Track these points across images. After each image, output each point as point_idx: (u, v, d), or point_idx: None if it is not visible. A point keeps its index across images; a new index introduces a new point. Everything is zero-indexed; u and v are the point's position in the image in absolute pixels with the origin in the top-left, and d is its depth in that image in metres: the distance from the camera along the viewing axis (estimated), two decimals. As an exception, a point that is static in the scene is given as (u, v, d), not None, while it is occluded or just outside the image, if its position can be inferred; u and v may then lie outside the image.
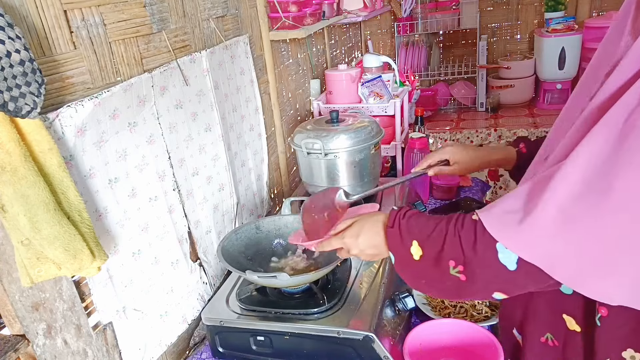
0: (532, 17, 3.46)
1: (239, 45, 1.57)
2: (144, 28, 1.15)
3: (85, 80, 0.99)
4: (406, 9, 3.36)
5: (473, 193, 2.08)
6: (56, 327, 0.94)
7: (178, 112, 1.26)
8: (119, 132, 1.05)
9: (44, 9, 0.89)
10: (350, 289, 1.22)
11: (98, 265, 0.91)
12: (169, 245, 1.24)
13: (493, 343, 1.05)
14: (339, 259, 1.16)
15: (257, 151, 1.73)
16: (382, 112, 1.98)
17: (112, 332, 1.07)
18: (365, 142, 1.52)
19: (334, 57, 2.71)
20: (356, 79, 2.03)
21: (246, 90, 1.64)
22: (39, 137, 0.81)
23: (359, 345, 1.08)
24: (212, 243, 1.44)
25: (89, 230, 0.88)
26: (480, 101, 3.41)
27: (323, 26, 2.07)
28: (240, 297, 1.24)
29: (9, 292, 0.85)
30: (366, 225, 0.92)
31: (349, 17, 2.51)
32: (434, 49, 3.66)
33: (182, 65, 1.26)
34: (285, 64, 2.02)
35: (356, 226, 0.94)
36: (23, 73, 0.76)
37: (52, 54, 0.91)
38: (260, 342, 1.18)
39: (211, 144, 1.42)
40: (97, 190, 1.00)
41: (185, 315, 1.32)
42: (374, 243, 0.90)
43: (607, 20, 3.02)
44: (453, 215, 0.79)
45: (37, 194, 0.79)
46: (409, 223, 0.83)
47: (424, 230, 0.80)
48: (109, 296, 1.05)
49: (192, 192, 1.34)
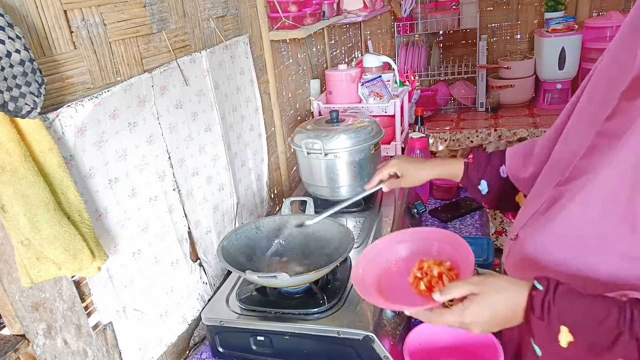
0: (532, 17, 3.46)
1: (239, 45, 1.57)
2: (144, 28, 1.15)
3: (85, 80, 0.99)
4: (406, 9, 3.36)
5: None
6: (56, 327, 0.94)
7: (178, 112, 1.26)
8: (119, 132, 1.05)
9: (44, 9, 0.89)
10: (351, 288, 1.22)
11: (98, 265, 0.91)
12: (169, 245, 1.24)
13: (493, 343, 1.05)
14: (338, 259, 1.16)
15: (257, 151, 1.73)
16: (382, 112, 1.98)
17: (112, 332, 1.07)
18: (365, 142, 1.52)
19: (334, 57, 2.71)
20: (356, 79, 2.03)
21: (246, 90, 1.64)
22: (39, 137, 0.81)
23: (359, 345, 1.08)
24: (212, 243, 1.44)
25: (89, 230, 0.88)
26: (480, 101, 3.41)
27: (323, 26, 2.07)
28: (240, 297, 1.24)
29: (9, 292, 0.85)
30: (499, 307, 0.75)
31: (349, 17, 2.51)
32: (434, 49, 3.66)
33: (182, 65, 1.26)
34: (285, 64, 2.02)
35: (484, 305, 0.75)
36: (23, 73, 0.76)
37: (52, 54, 0.91)
38: (260, 342, 1.18)
39: (211, 144, 1.42)
40: (97, 190, 1.00)
41: (185, 315, 1.32)
42: (507, 326, 0.76)
43: (607, 20, 3.02)
44: (623, 307, 0.68)
45: (37, 194, 0.79)
46: (560, 307, 0.70)
47: (581, 318, 0.69)
48: (109, 296, 1.05)
49: (192, 192, 1.34)
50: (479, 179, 1.17)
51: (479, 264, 1.49)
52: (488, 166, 1.16)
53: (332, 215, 1.39)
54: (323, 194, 1.60)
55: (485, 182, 1.16)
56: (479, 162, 1.17)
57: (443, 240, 0.99)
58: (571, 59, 3.11)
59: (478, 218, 1.86)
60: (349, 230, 1.27)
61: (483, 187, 1.17)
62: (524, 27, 3.51)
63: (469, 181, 1.18)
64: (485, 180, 1.16)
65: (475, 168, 1.17)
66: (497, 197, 1.16)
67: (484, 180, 1.16)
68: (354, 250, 1.34)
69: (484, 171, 1.16)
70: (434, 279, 0.87)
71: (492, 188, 1.16)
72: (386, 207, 1.55)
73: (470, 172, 1.18)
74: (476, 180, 1.17)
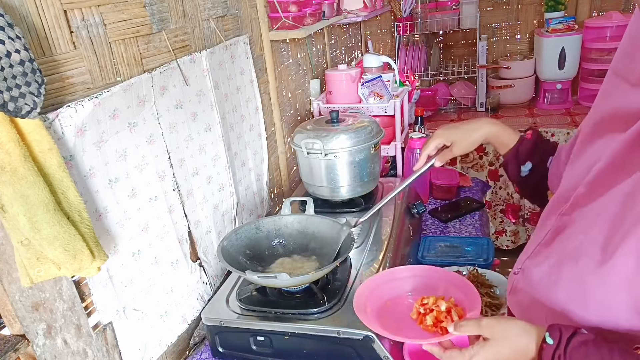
0: (532, 17, 3.46)
1: (239, 45, 1.57)
2: (144, 28, 1.15)
3: (85, 80, 0.99)
4: (406, 9, 3.36)
5: (473, 193, 2.08)
6: (56, 327, 0.94)
7: (178, 112, 1.26)
8: (119, 132, 1.05)
9: (44, 9, 0.89)
10: (350, 288, 1.22)
11: (98, 265, 0.91)
12: (169, 245, 1.24)
13: None
14: (338, 259, 1.16)
15: (257, 151, 1.73)
16: (382, 112, 1.98)
17: (112, 332, 1.07)
18: (365, 142, 1.52)
19: (334, 57, 2.71)
20: (356, 79, 2.03)
21: (246, 90, 1.64)
22: (39, 137, 0.81)
23: (359, 345, 1.08)
24: (212, 243, 1.44)
25: (88, 230, 0.88)
26: (480, 101, 3.41)
27: (323, 26, 2.06)
28: (240, 297, 1.24)
29: (9, 292, 0.85)
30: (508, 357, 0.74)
31: (349, 17, 2.51)
32: (434, 49, 3.66)
33: (182, 65, 1.26)
34: (285, 64, 2.02)
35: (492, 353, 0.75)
36: (23, 73, 0.76)
37: (52, 54, 0.91)
38: (260, 342, 1.18)
39: (211, 144, 1.42)
40: (97, 190, 1.00)
41: (185, 315, 1.31)
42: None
43: (607, 20, 3.02)
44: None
45: (37, 194, 0.79)
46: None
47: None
48: (109, 296, 1.05)
49: (192, 192, 1.34)
50: (527, 159, 1.06)
51: (479, 264, 1.49)
52: (540, 149, 1.06)
53: (332, 215, 1.39)
54: (323, 194, 1.60)
55: (531, 164, 1.06)
56: (535, 141, 1.07)
57: (443, 279, 1.00)
58: (571, 59, 3.11)
59: (478, 218, 1.86)
60: (349, 230, 1.27)
61: (526, 169, 1.07)
62: (524, 27, 3.51)
63: (515, 157, 1.07)
64: (532, 162, 1.06)
65: (529, 145, 1.06)
66: (533, 184, 1.08)
67: (530, 162, 1.06)
68: (354, 251, 1.34)
69: (535, 153, 1.06)
70: (442, 313, 0.88)
71: (534, 173, 1.07)
72: (386, 207, 1.55)
73: (522, 148, 1.07)
74: (524, 158, 1.06)
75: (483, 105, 3.40)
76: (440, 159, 1.13)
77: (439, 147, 1.14)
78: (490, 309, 1.27)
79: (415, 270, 1.06)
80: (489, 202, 3.06)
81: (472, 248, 1.60)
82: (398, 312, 0.98)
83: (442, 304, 0.89)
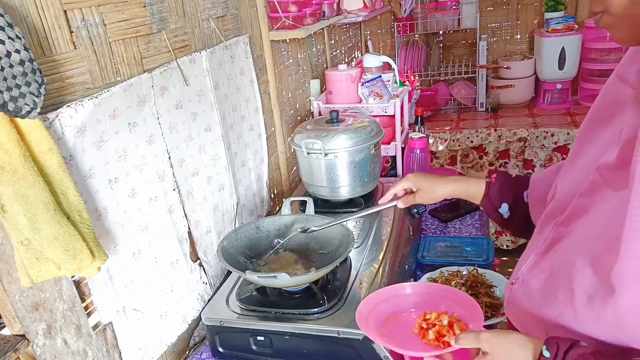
0: (532, 17, 3.46)
1: (239, 45, 1.57)
2: (144, 28, 1.15)
3: (85, 80, 0.99)
4: (406, 9, 3.36)
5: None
6: (56, 327, 0.94)
7: (178, 112, 1.26)
8: (118, 132, 1.05)
9: (44, 9, 0.89)
10: (350, 289, 1.22)
11: (98, 265, 0.91)
12: (169, 245, 1.24)
13: None
14: (338, 259, 1.16)
15: (257, 151, 1.73)
16: (382, 112, 1.98)
17: (112, 332, 1.07)
18: (365, 142, 1.52)
19: (334, 57, 2.71)
20: (356, 79, 2.03)
21: (246, 90, 1.64)
22: (39, 137, 0.81)
23: (359, 345, 1.08)
24: (212, 243, 1.44)
25: (88, 230, 0.88)
26: (480, 101, 3.41)
27: (323, 26, 2.06)
28: (240, 297, 1.24)
29: (9, 292, 0.85)
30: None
31: (349, 17, 2.51)
32: (434, 49, 3.66)
33: (182, 65, 1.26)
34: (285, 64, 2.02)
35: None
36: (23, 73, 0.76)
37: (52, 54, 0.91)
38: (260, 342, 1.18)
39: (211, 144, 1.42)
40: (97, 190, 1.00)
41: (185, 315, 1.31)
42: None
43: (607, 20, 3.02)
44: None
45: (36, 194, 0.79)
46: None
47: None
48: (109, 296, 1.05)
49: (192, 192, 1.34)
50: (501, 202, 1.07)
51: (479, 264, 1.49)
52: (511, 188, 1.07)
53: (332, 215, 1.39)
54: (323, 194, 1.60)
55: (507, 205, 1.07)
56: (501, 183, 1.08)
57: (447, 296, 1.02)
58: (571, 59, 3.11)
59: (478, 218, 1.86)
60: (349, 231, 1.27)
61: (504, 211, 1.08)
62: (524, 27, 3.51)
63: (490, 202, 1.09)
64: (507, 203, 1.07)
65: (497, 188, 1.08)
66: (519, 222, 1.07)
67: (505, 204, 1.07)
68: (354, 251, 1.34)
69: (506, 193, 1.07)
70: (444, 328, 0.90)
71: (514, 212, 1.07)
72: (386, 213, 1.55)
73: (492, 193, 1.08)
74: (497, 202, 1.08)
75: (483, 105, 3.40)
76: (403, 201, 1.19)
77: (406, 190, 1.19)
78: (491, 309, 1.27)
79: (417, 287, 1.07)
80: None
81: (472, 248, 1.60)
82: (400, 327, 1.00)
83: (444, 319, 0.91)
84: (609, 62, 3.05)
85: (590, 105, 0.86)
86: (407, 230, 1.54)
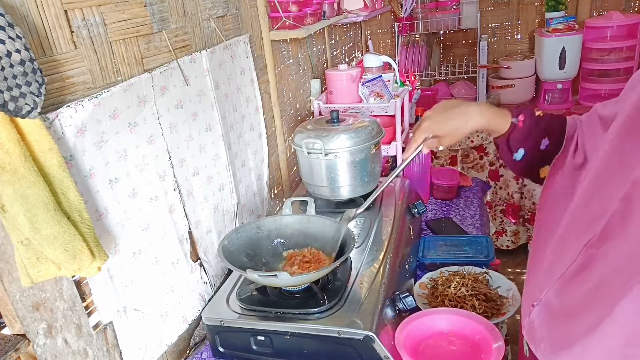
0: (532, 16, 3.46)
1: (239, 45, 1.57)
2: (144, 28, 1.15)
3: (86, 80, 0.99)
4: (406, 8, 3.36)
5: (474, 193, 2.08)
6: (57, 326, 0.94)
7: (178, 112, 1.26)
8: (119, 132, 1.05)
9: (45, 8, 0.89)
10: (351, 288, 1.22)
11: (98, 265, 0.91)
12: (169, 245, 1.24)
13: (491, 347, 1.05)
14: (339, 259, 1.16)
15: (257, 151, 1.73)
16: (383, 112, 1.98)
17: (112, 332, 1.07)
18: (366, 142, 1.52)
19: (335, 57, 2.70)
20: (356, 78, 2.02)
21: (246, 90, 1.64)
22: (39, 137, 0.81)
23: (359, 345, 1.08)
24: (213, 243, 1.44)
25: (89, 230, 0.88)
26: (480, 101, 3.41)
27: (323, 26, 2.06)
28: (240, 297, 1.24)
29: (10, 291, 0.85)
30: None
31: (350, 17, 2.51)
32: (434, 48, 3.66)
33: (182, 65, 1.26)
34: (285, 63, 2.02)
35: None
36: (23, 73, 0.76)
37: (52, 53, 0.91)
38: (261, 342, 1.18)
39: (211, 143, 1.42)
40: (98, 191, 1.00)
41: (185, 315, 1.32)
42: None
43: (607, 20, 3.02)
44: None
45: (37, 194, 0.79)
46: None
47: None
48: (110, 296, 1.05)
49: (193, 192, 1.34)
50: (519, 146, 1.05)
51: (479, 261, 1.49)
52: (534, 134, 1.03)
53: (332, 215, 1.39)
54: (323, 193, 1.60)
55: (523, 150, 1.04)
56: (527, 127, 1.04)
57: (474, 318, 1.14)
58: (572, 58, 3.11)
59: (478, 218, 1.86)
60: (349, 230, 1.27)
61: (519, 155, 1.05)
62: (525, 27, 3.50)
63: (507, 144, 1.06)
64: (525, 149, 1.04)
65: (521, 133, 1.04)
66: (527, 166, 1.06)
67: (522, 149, 1.04)
68: (354, 251, 1.34)
69: (527, 140, 1.04)
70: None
71: (527, 157, 1.05)
72: (386, 207, 1.55)
73: (514, 136, 1.05)
74: (516, 145, 1.05)
75: (483, 105, 3.39)
76: (427, 146, 1.13)
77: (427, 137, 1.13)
78: (491, 310, 1.27)
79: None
80: (490, 203, 3.06)
81: (471, 246, 1.60)
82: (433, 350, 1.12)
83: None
84: (609, 62, 3.05)
85: (591, 105, 0.83)
86: (407, 230, 1.54)
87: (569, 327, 0.79)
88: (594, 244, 0.75)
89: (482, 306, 1.26)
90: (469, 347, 1.10)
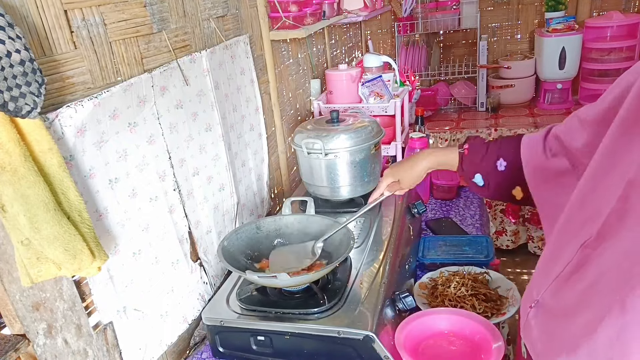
0: (532, 16, 3.46)
1: (239, 45, 1.57)
2: (144, 28, 1.15)
3: (86, 80, 0.99)
4: (406, 8, 3.36)
5: (473, 193, 2.08)
6: (57, 326, 0.94)
7: (178, 112, 1.26)
8: (119, 132, 1.05)
9: (45, 8, 0.89)
10: (351, 288, 1.22)
11: (98, 265, 0.91)
12: (169, 245, 1.24)
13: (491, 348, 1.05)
14: (338, 259, 1.16)
15: (257, 151, 1.73)
16: (383, 112, 1.98)
17: (112, 332, 1.07)
18: (366, 142, 1.52)
19: (334, 57, 2.71)
20: (356, 78, 2.03)
21: (246, 90, 1.64)
22: (39, 137, 0.81)
23: (359, 345, 1.08)
24: (213, 243, 1.44)
25: (89, 230, 0.88)
26: (480, 101, 3.41)
27: (323, 26, 2.06)
28: (240, 297, 1.24)
29: (10, 291, 0.85)
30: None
31: (349, 17, 2.51)
32: (434, 48, 3.66)
33: (182, 65, 1.26)
34: (285, 63, 2.02)
35: None
36: (23, 73, 0.76)
37: (52, 53, 0.91)
38: (261, 342, 1.18)
39: (211, 143, 1.42)
40: (98, 191, 1.00)
41: (185, 315, 1.32)
42: None
43: (607, 20, 3.02)
44: None
45: (37, 194, 0.79)
46: None
47: None
48: (110, 296, 1.05)
49: (193, 192, 1.34)
50: (474, 172, 1.10)
51: (479, 261, 1.50)
52: (484, 159, 1.08)
53: (332, 215, 1.39)
54: (323, 193, 1.60)
55: (480, 175, 1.09)
56: (474, 153, 1.10)
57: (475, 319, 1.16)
58: (571, 58, 3.11)
59: (478, 218, 1.86)
60: (349, 230, 1.27)
61: (478, 180, 1.10)
62: (524, 27, 3.51)
63: (464, 172, 1.12)
64: (481, 173, 1.09)
65: (470, 160, 1.10)
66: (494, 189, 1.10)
67: (479, 174, 1.09)
68: (354, 251, 1.34)
69: (479, 164, 1.09)
70: None
71: (489, 180, 1.09)
72: (386, 207, 1.55)
73: (465, 164, 1.11)
74: (471, 173, 1.10)
75: (483, 105, 3.40)
76: (389, 190, 1.28)
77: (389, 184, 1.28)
78: (491, 310, 1.27)
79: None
80: (489, 202, 3.06)
81: (471, 246, 1.60)
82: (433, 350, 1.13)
83: None
84: (609, 62, 3.05)
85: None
86: (407, 230, 1.54)
87: (565, 327, 0.79)
88: (591, 244, 0.74)
89: (482, 306, 1.26)
90: (469, 347, 1.10)
